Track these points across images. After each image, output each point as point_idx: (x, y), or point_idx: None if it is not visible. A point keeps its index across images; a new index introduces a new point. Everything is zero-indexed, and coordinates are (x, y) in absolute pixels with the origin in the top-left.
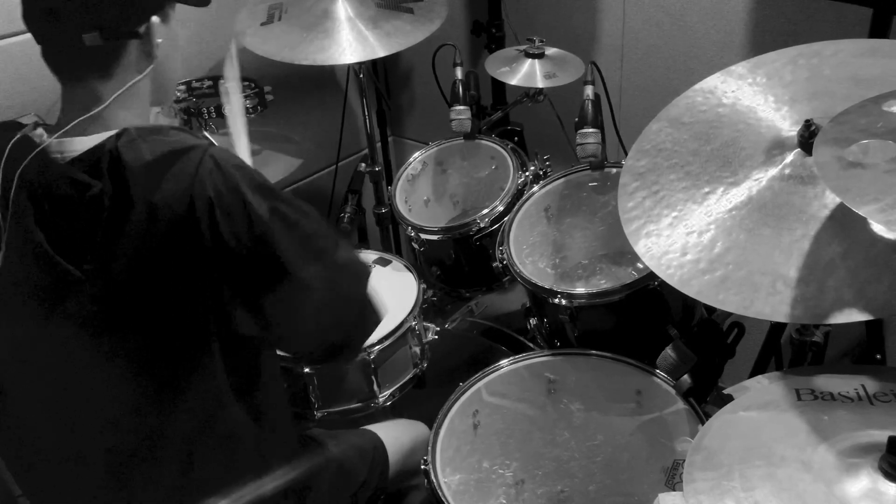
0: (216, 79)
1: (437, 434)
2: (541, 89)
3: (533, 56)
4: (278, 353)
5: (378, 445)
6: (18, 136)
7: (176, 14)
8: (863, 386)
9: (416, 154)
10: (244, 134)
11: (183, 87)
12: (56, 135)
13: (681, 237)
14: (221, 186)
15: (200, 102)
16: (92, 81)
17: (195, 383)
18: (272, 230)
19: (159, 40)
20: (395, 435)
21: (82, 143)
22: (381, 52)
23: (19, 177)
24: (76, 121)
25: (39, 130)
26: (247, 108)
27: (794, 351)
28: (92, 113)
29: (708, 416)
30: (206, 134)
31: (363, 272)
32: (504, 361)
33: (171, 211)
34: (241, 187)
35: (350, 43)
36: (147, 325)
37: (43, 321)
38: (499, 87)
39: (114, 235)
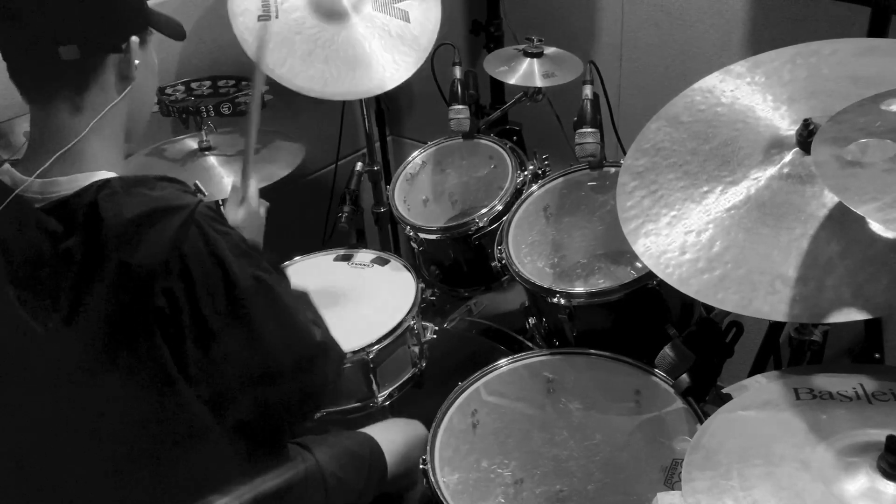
0: (215, 79)
1: (435, 433)
2: (539, 88)
3: (532, 55)
4: None
5: (374, 450)
6: None
7: (153, 44)
8: (861, 385)
9: (415, 153)
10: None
11: (182, 87)
12: (36, 174)
13: (679, 236)
14: (205, 255)
15: (199, 102)
16: (65, 103)
17: (164, 409)
18: (252, 301)
19: (137, 62)
20: (391, 438)
21: (61, 185)
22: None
23: None
24: (53, 158)
25: (6, 167)
26: (246, 108)
27: (793, 350)
28: (69, 147)
29: (707, 415)
30: (198, 184)
31: (337, 355)
32: (503, 361)
33: (146, 273)
34: (224, 257)
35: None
36: (110, 381)
37: (9, 373)
38: (497, 86)
39: (82, 293)
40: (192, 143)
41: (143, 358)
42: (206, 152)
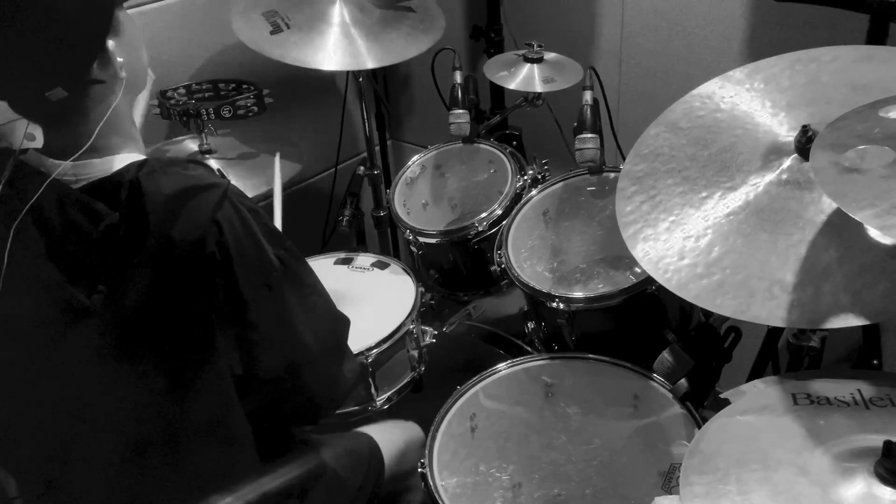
0: (215, 82)
1: (434, 437)
2: (539, 94)
3: (532, 61)
4: None
5: (373, 449)
6: (12, 161)
7: (138, 17)
8: (859, 391)
9: (415, 157)
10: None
11: (183, 91)
12: (71, 158)
13: (678, 241)
14: (239, 228)
15: (199, 105)
16: (72, 122)
17: (202, 397)
18: (278, 277)
19: (120, 59)
20: (389, 437)
21: (95, 167)
22: (370, 64)
23: (29, 205)
24: (81, 151)
25: (31, 153)
26: (247, 111)
27: (791, 355)
28: (85, 147)
29: (705, 420)
30: (221, 170)
31: (345, 322)
32: (502, 365)
33: (186, 245)
34: (256, 231)
35: (344, 50)
36: (154, 353)
37: (50, 349)
38: (497, 91)
39: (126, 266)
40: (193, 146)
41: (184, 330)
42: (207, 155)
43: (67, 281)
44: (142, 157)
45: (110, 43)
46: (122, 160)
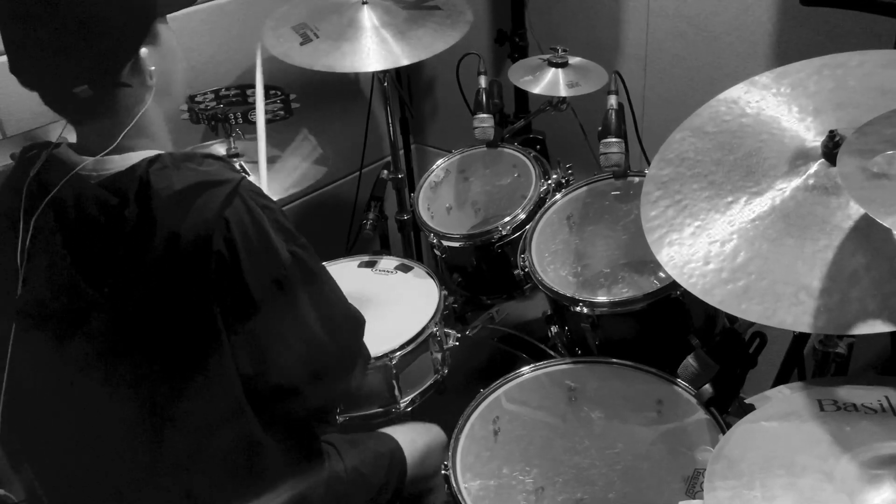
0: (243, 87)
1: (457, 440)
2: (564, 98)
3: (556, 65)
4: None
5: (395, 449)
6: (44, 155)
7: (170, 25)
8: (886, 397)
9: (439, 161)
10: (264, 141)
11: (211, 95)
12: (95, 157)
13: (703, 246)
14: (248, 225)
15: (227, 110)
16: (98, 121)
17: (212, 396)
18: (290, 275)
19: (152, 68)
20: (411, 437)
21: (114, 163)
22: (405, 61)
23: (51, 197)
24: (102, 154)
25: (63, 147)
26: (274, 115)
27: (818, 362)
28: (109, 149)
29: (729, 426)
30: (243, 165)
31: (361, 322)
32: (525, 369)
33: (195, 242)
34: (266, 228)
35: (375, 51)
36: (162, 349)
37: (62, 341)
38: (522, 95)
39: (135, 261)
40: (221, 150)
41: (191, 326)
42: (235, 159)
43: (79, 274)
44: (155, 152)
45: (144, 51)
46: (138, 156)
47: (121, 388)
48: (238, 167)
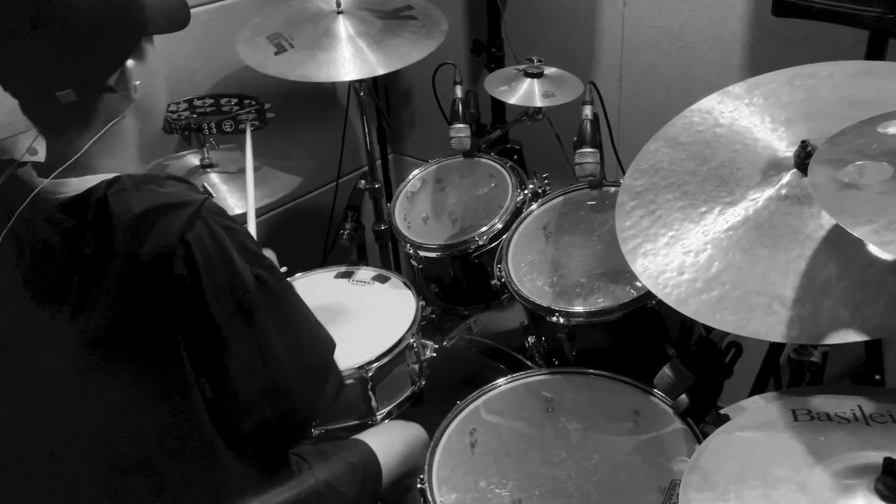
0: (217, 97)
1: (433, 452)
2: (540, 108)
3: (532, 75)
4: None
5: (369, 457)
6: (5, 175)
7: (156, 46)
8: (859, 407)
9: (416, 171)
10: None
11: (184, 105)
12: (52, 175)
13: (678, 256)
14: (210, 247)
15: (201, 119)
16: (75, 129)
17: (176, 422)
18: (253, 298)
19: (136, 82)
20: (386, 440)
21: (72, 185)
22: (381, 70)
23: (11, 222)
24: (66, 164)
25: (27, 168)
26: (249, 125)
27: (793, 371)
28: (71, 161)
29: (706, 435)
30: (206, 186)
31: (330, 344)
32: (502, 380)
33: (154, 266)
34: (229, 251)
35: (351, 60)
36: (120, 374)
37: (18, 367)
38: (498, 105)
39: (91, 286)
40: (194, 160)
41: (151, 353)
42: (208, 169)
43: (34, 299)
44: (114, 174)
45: (130, 62)
46: (96, 178)
47: (79, 414)
48: (202, 188)
